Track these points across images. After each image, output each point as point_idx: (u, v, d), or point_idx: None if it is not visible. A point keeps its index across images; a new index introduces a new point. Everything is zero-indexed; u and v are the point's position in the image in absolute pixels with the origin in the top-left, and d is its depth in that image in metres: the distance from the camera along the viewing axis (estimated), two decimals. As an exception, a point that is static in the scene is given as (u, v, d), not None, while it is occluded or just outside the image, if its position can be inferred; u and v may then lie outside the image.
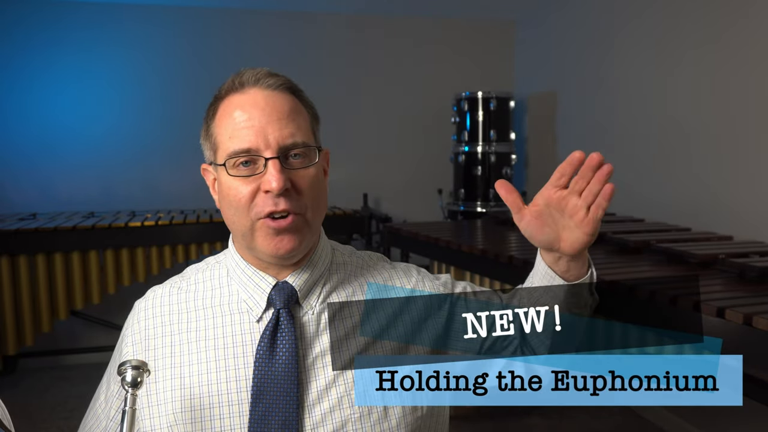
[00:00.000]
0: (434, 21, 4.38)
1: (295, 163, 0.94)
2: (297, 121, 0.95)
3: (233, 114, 0.95)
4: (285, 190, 0.91)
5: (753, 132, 2.58)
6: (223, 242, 3.41)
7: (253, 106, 0.94)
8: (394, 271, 1.08)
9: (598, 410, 3.19)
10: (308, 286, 1.00)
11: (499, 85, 4.14)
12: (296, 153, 0.94)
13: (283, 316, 0.98)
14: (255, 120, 0.93)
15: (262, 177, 0.92)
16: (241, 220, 0.95)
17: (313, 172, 0.96)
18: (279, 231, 0.93)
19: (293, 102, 0.97)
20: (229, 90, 0.97)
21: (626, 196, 3.26)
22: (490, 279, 2.28)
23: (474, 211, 3.80)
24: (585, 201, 0.95)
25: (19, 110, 3.78)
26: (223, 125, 0.96)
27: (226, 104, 0.97)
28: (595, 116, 3.61)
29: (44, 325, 3.23)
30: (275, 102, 0.95)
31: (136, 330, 1.06)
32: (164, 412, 0.98)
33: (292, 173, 0.93)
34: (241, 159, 0.93)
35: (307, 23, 4.17)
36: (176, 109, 3.93)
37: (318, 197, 0.97)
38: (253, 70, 0.97)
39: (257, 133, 0.92)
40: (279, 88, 0.96)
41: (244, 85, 0.96)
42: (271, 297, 0.99)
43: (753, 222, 2.52)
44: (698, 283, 1.72)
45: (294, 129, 0.94)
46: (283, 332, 0.97)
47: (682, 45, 2.94)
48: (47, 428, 2.98)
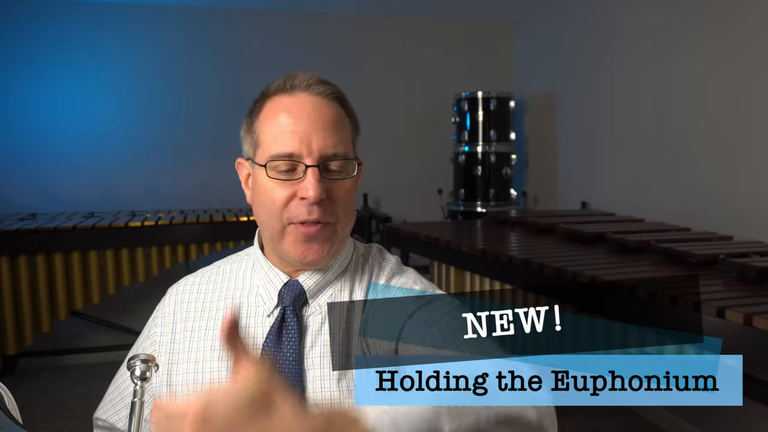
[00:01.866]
0: (434, 21, 4.38)
1: (333, 173, 0.95)
2: (341, 132, 0.96)
3: (280, 116, 0.95)
4: (320, 200, 0.92)
5: (753, 132, 2.58)
6: (224, 242, 3.44)
7: (300, 110, 0.94)
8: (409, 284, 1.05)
9: (598, 410, 3.19)
10: (319, 286, 1.01)
11: (499, 85, 4.14)
12: (336, 164, 0.95)
13: (289, 314, 0.99)
14: (301, 125, 0.93)
15: (299, 183, 0.93)
16: (272, 222, 0.96)
17: (349, 185, 0.97)
18: (308, 238, 0.94)
19: (339, 112, 0.98)
20: (279, 90, 0.97)
21: (626, 196, 3.26)
22: (490, 279, 2.28)
23: (474, 211, 3.80)
24: None
25: (20, 110, 3.78)
26: (268, 125, 0.96)
27: (273, 104, 0.97)
28: (595, 116, 3.61)
29: (44, 325, 3.23)
30: (323, 110, 0.95)
31: (166, 312, 1.08)
32: (177, 395, 1.00)
33: (329, 183, 0.94)
34: (282, 163, 0.93)
35: (307, 23, 4.17)
36: (178, 110, 3.93)
37: (350, 208, 0.98)
38: (305, 75, 0.98)
39: (301, 139, 0.93)
40: (328, 97, 0.97)
41: (294, 88, 0.96)
42: (282, 294, 1.00)
43: (753, 222, 2.52)
44: (698, 283, 1.73)
45: (337, 140, 0.95)
46: (289, 330, 0.98)
47: (682, 45, 2.94)
48: (47, 428, 2.98)
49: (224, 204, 3.77)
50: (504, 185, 3.83)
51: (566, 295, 2.04)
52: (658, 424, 3.00)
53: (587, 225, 2.57)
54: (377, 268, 1.07)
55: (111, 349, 3.62)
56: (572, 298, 2.04)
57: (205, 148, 3.87)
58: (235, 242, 3.39)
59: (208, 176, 3.90)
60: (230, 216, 3.48)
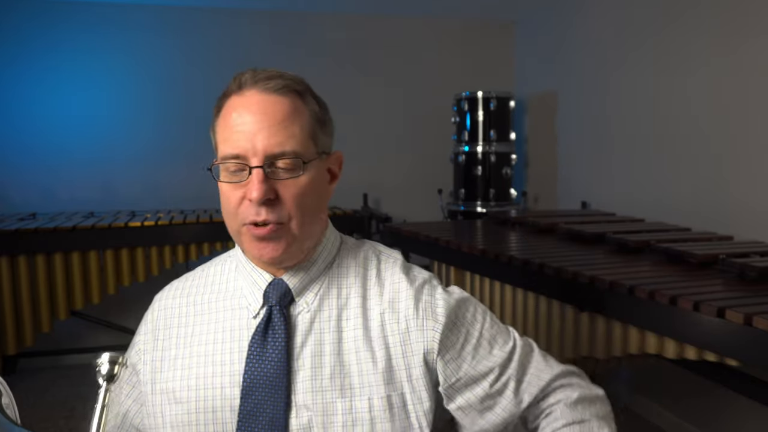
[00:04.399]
0: (434, 21, 4.38)
1: (281, 173, 0.92)
2: (291, 129, 0.93)
3: (230, 116, 0.94)
4: (267, 200, 0.91)
5: (753, 132, 2.58)
6: (223, 242, 3.43)
7: (247, 109, 0.93)
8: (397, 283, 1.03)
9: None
10: (303, 284, 1.00)
11: (499, 85, 4.14)
12: (284, 162, 0.92)
13: (276, 314, 0.98)
14: (247, 125, 0.92)
15: (247, 185, 0.92)
16: (230, 224, 0.97)
17: (304, 182, 0.94)
18: (260, 238, 0.94)
19: (292, 106, 0.94)
20: (231, 90, 0.96)
21: (626, 196, 3.26)
22: (490, 279, 2.28)
23: (474, 211, 3.80)
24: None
25: (20, 110, 3.78)
26: (221, 126, 0.96)
27: (227, 104, 0.96)
28: (595, 116, 3.61)
29: (44, 325, 3.23)
30: (269, 107, 0.92)
31: (149, 320, 1.08)
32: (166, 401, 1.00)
33: (278, 183, 0.92)
34: (231, 164, 0.93)
35: (307, 23, 4.17)
36: (178, 110, 3.93)
37: (307, 206, 0.95)
38: (254, 71, 0.96)
39: (247, 139, 0.91)
40: (279, 91, 0.94)
41: (242, 86, 0.95)
42: (267, 293, 0.99)
43: (753, 222, 2.52)
44: (698, 283, 1.72)
45: (284, 137, 0.92)
46: (275, 329, 0.97)
47: (682, 45, 2.94)
48: (47, 428, 2.98)
49: (224, 204, 3.77)
50: (504, 185, 3.83)
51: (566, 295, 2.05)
52: (658, 424, 3.00)
53: (587, 225, 2.57)
54: (373, 263, 1.05)
55: (111, 349, 3.61)
56: (572, 298, 2.05)
57: (205, 148, 3.85)
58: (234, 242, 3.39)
59: (207, 176, 3.88)
60: (230, 216, 3.47)
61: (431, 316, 0.99)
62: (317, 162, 0.96)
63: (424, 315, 0.99)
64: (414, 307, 0.99)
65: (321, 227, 1.02)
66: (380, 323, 0.99)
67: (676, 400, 2.93)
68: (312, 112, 0.97)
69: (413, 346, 0.98)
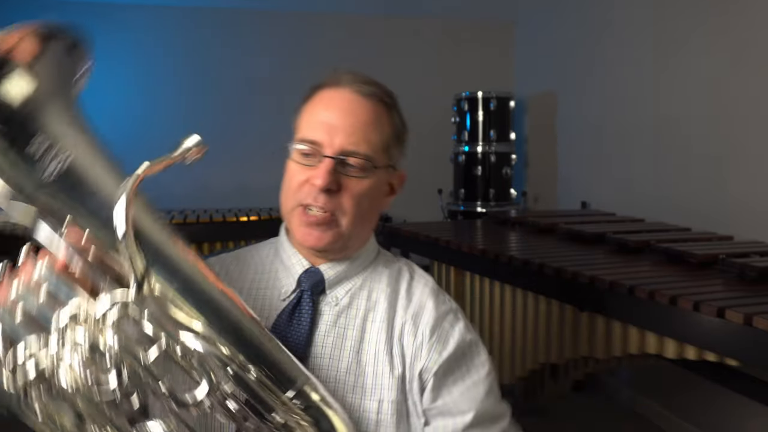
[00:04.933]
0: (434, 21, 4.38)
1: (350, 169, 0.97)
2: (370, 134, 0.98)
3: (319, 106, 1.00)
4: (328, 189, 0.95)
5: (753, 131, 2.58)
6: (224, 242, 3.43)
7: (337, 104, 0.99)
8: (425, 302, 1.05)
9: (598, 410, 3.19)
10: (339, 278, 1.03)
11: (499, 85, 4.13)
12: (355, 161, 0.97)
13: (305, 299, 1.01)
14: (333, 119, 0.97)
15: (315, 170, 0.96)
16: (286, 201, 1.01)
17: (366, 185, 0.99)
18: (309, 224, 0.98)
19: (378, 114, 1.00)
20: (327, 83, 1.02)
21: (626, 196, 3.26)
22: (490, 279, 2.28)
23: (474, 211, 3.80)
24: None
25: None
26: (308, 112, 1.01)
27: (319, 94, 1.01)
28: (595, 116, 3.61)
29: (44, 325, 3.23)
30: (357, 108, 0.98)
31: None
32: None
33: (343, 178, 0.97)
34: (305, 147, 0.98)
35: (306, 23, 4.17)
36: (178, 109, 3.93)
37: (362, 209, 0.99)
38: (354, 73, 1.02)
39: (328, 131, 0.97)
40: (369, 97, 1.00)
41: (339, 82, 1.01)
42: (301, 279, 1.02)
43: (753, 222, 2.52)
44: (698, 283, 1.72)
45: (362, 139, 0.97)
46: (302, 314, 1.00)
47: (682, 45, 2.94)
48: (47, 428, 2.98)
49: (224, 204, 3.76)
50: (504, 185, 3.83)
51: (566, 295, 2.05)
52: (658, 424, 3.00)
53: (587, 225, 2.57)
54: (405, 277, 1.08)
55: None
56: (572, 298, 2.05)
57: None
58: (235, 242, 3.39)
59: (208, 176, 3.90)
60: (230, 216, 3.47)
61: (443, 342, 1.00)
62: (383, 172, 1.02)
63: (437, 339, 1.00)
64: (431, 329, 1.01)
65: (367, 233, 1.07)
66: (401, 333, 1.01)
67: (676, 400, 2.93)
68: (393, 126, 1.03)
69: (419, 362, 0.99)
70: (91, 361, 0.69)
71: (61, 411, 0.71)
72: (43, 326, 0.72)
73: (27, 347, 0.71)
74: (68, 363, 0.70)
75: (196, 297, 0.78)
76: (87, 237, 0.76)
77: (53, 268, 0.74)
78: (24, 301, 0.73)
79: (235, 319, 0.80)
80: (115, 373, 0.69)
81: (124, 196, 0.73)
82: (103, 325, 0.70)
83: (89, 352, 0.70)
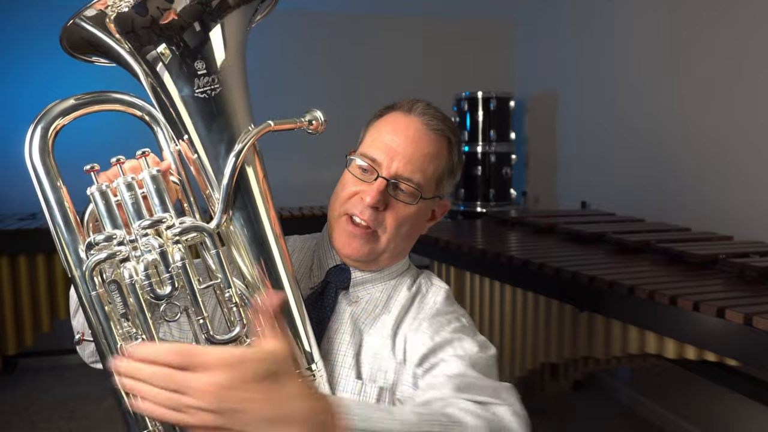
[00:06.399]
0: (434, 21, 4.38)
1: (400, 194, 1.03)
2: (427, 165, 1.04)
3: (387, 127, 1.06)
4: (375, 207, 1.01)
5: (753, 132, 2.58)
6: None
7: (403, 131, 1.04)
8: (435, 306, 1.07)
9: (598, 410, 3.19)
10: (364, 280, 1.08)
11: (499, 85, 4.14)
12: (406, 186, 1.02)
13: (330, 290, 1.06)
14: (397, 143, 1.03)
15: (368, 186, 1.02)
16: (335, 207, 1.06)
17: (411, 210, 1.04)
18: (351, 234, 1.03)
19: (439, 148, 1.05)
20: (401, 107, 1.08)
21: (626, 196, 3.26)
22: (490, 279, 2.28)
23: (474, 211, 3.80)
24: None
25: (19, 110, 3.77)
26: (376, 130, 1.07)
27: (391, 116, 1.08)
28: (595, 116, 3.61)
29: (44, 325, 3.23)
30: (421, 139, 1.04)
31: None
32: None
33: (391, 200, 1.03)
34: (364, 162, 1.04)
35: (306, 22, 4.16)
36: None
37: (402, 230, 1.05)
38: (428, 105, 1.09)
39: (389, 154, 1.03)
40: (435, 131, 1.05)
41: (412, 110, 1.07)
42: (330, 272, 1.08)
43: (753, 222, 2.52)
44: (698, 283, 1.73)
45: (418, 169, 1.03)
46: (324, 303, 1.05)
47: (682, 44, 2.94)
48: (47, 428, 2.98)
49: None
50: (504, 185, 3.83)
51: (566, 295, 2.05)
52: (658, 424, 3.00)
53: (587, 225, 2.57)
54: (423, 289, 1.10)
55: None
56: (572, 298, 2.05)
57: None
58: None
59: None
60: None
61: (436, 328, 1.01)
62: (430, 201, 1.07)
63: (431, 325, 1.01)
64: (433, 333, 1.00)
65: (403, 253, 1.11)
66: (405, 335, 1.03)
67: (676, 400, 2.93)
68: (450, 162, 1.08)
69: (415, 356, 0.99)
70: (154, 268, 0.80)
71: (111, 298, 0.81)
72: (128, 219, 0.83)
73: (109, 231, 0.82)
74: (136, 260, 0.81)
75: (260, 253, 0.90)
76: (195, 161, 0.89)
77: (157, 172, 0.87)
78: (122, 190, 0.86)
79: (282, 287, 0.91)
80: (170, 286, 0.80)
81: (241, 145, 0.85)
82: (176, 243, 0.82)
83: (158, 258, 0.80)
